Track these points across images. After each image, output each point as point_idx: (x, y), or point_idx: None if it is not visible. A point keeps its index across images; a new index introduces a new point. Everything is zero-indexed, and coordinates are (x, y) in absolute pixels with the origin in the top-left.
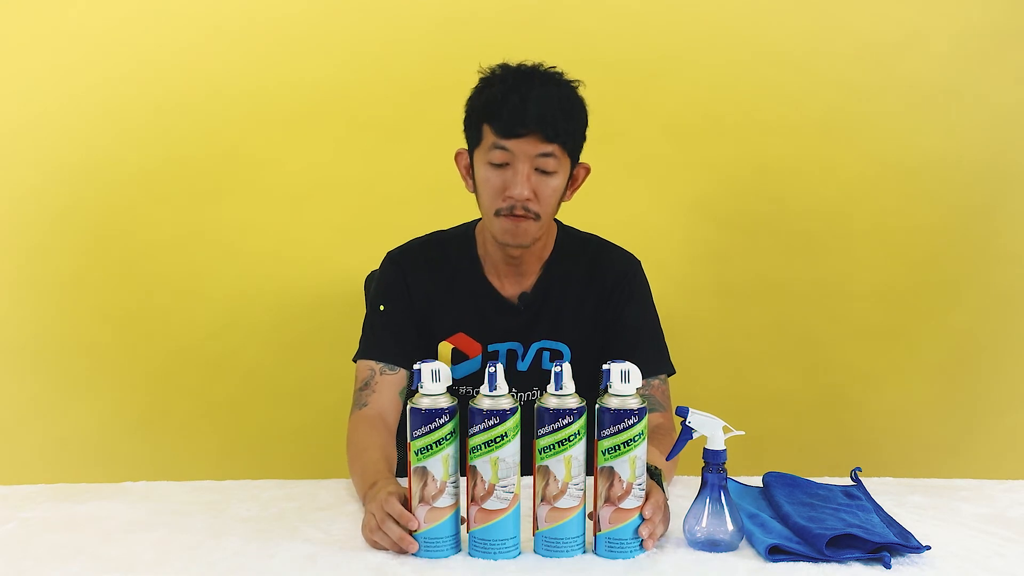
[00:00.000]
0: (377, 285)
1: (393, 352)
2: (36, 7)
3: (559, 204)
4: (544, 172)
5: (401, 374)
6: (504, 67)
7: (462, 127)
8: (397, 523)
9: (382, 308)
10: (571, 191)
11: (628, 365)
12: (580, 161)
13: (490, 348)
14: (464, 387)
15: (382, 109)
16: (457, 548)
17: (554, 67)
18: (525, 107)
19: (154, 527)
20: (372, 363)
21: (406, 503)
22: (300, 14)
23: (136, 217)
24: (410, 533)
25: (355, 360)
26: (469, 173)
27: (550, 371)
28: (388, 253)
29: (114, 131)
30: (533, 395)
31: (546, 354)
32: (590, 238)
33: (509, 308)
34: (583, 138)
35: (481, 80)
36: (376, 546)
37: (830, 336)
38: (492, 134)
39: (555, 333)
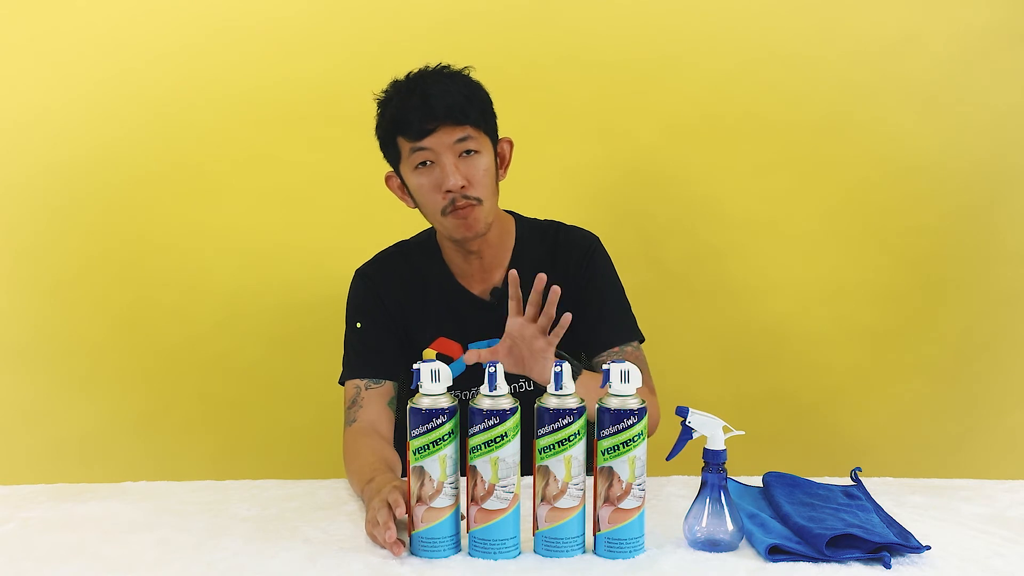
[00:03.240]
0: (351, 303)
1: (375, 366)
2: (36, 7)
3: (497, 185)
4: (468, 153)
5: (387, 386)
6: (395, 83)
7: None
8: (393, 516)
9: (359, 326)
10: (503, 169)
11: (628, 365)
12: (501, 137)
13: (470, 347)
14: (453, 391)
15: None
16: (457, 548)
17: (441, 63)
18: (428, 104)
19: (154, 527)
20: (357, 381)
21: (407, 498)
22: (299, 14)
23: (135, 217)
24: (409, 534)
25: (340, 382)
26: (404, 191)
27: None
28: (357, 270)
29: (113, 131)
30: (520, 387)
31: None
32: (549, 224)
33: (482, 305)
34: (492, 116)
35: (379, 104)
36: (375, 540)
37: (830, 336)
38: (407, 142)
39: None
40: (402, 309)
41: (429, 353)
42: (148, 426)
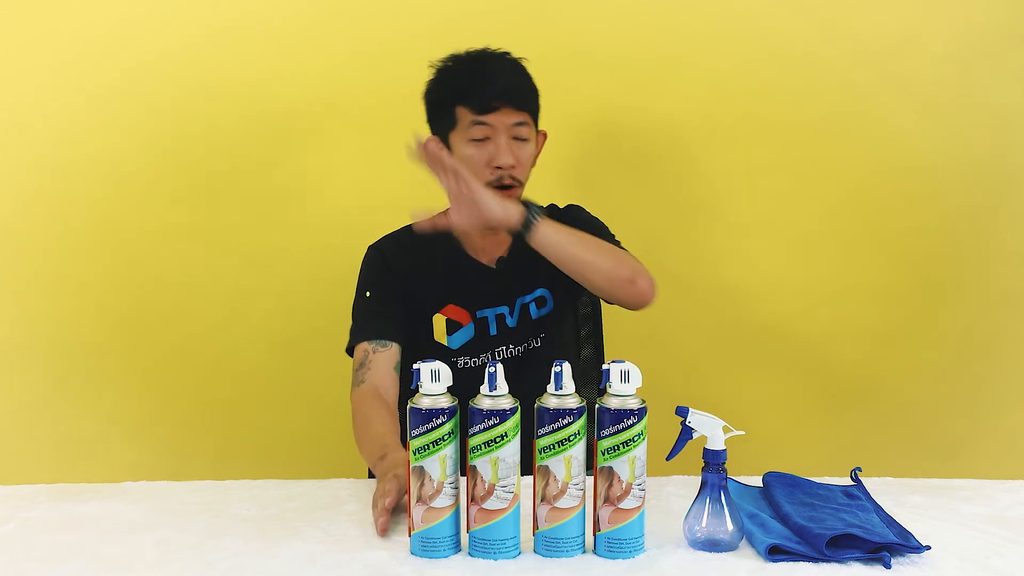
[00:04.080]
0: (362, 275)
1: (382, 329)
2: (36, 7)
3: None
4: (520, 139)
5: (393, 348)
6: (455, 56)
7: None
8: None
9: (368, 294)
10: (535, 158)
11: (628, 365)
12: (539, 129)
13: (479, 315)
14: (462, 358)
15: (382, 109)
16: (457, 548)
17: (498, 49)
18: (495, 83)
19: (154, 527)
20: (364, 344)
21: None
22: (300, 14)
23: (135, 217)
24: (409, 534)
25: (348, 349)
26: None
27: (539, 319)
28: (369, 246)
29: (114, 131)
30: (528, 345)
31: (532, 305)
32: (549, 207)
33: (490, 272)
34: (539, 109)
35: (438, 71)
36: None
37: (830, 336)
38: (469, 113)
39: (534, 283)
40: (411, 278)
41: (439, 318)
42: (148, 426)
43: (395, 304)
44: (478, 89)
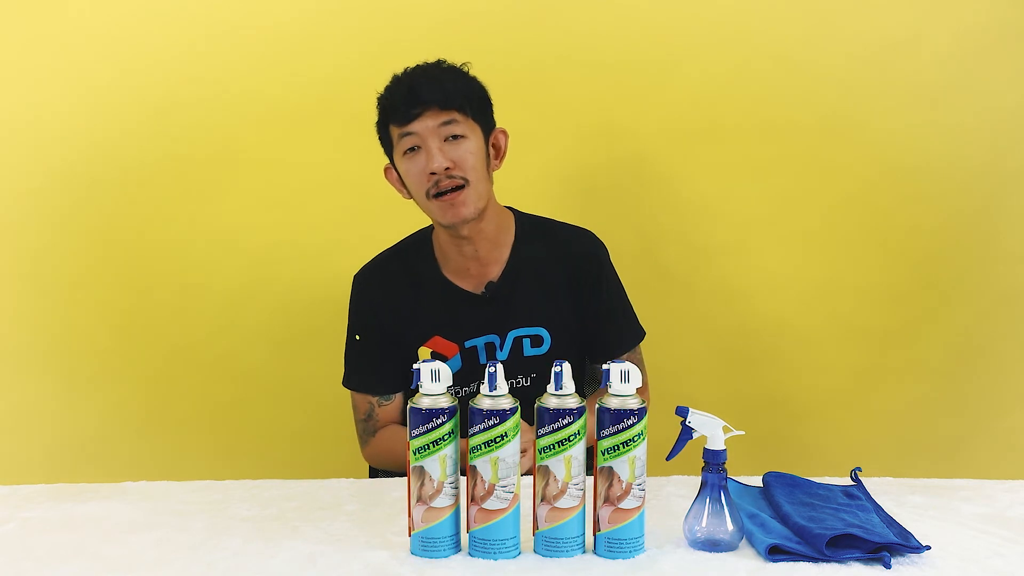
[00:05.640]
0: (350, 310)
1: (383, 384)
2: (36, 7)
3: (488, 172)
4: (454, 137)
5: (396, 400)
6: (392, 77)
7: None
8: None
9: (358, 338)
10: (498, 159)
11: (628, 365)
12: (496, 128)
13: (467, 345)
14: (450, 388)
15: None
16: (457, 548)
17: (439, 60)
18: (414, 91)
19: (154, 527)
20: (368, 396)
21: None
22: (300, 14)
23: (136, 217)
24: (409, 534)
25: (344, 385)
26: (401, 183)
27: (531, 358)
28: (355, 274)
29: (114, 131)
30: (517, 383)
31: (526, 341)
32: (546, 220)
33: (476, 300)
34: (483, 104)
35: (378, 99)
36: None
37: (830, 336)
38: (396, 128)
39: (531, 318)
40: (395, 314)
41: (424, 351)
42: (148, 426)
43: (387, 348)
44: (397, 101)
